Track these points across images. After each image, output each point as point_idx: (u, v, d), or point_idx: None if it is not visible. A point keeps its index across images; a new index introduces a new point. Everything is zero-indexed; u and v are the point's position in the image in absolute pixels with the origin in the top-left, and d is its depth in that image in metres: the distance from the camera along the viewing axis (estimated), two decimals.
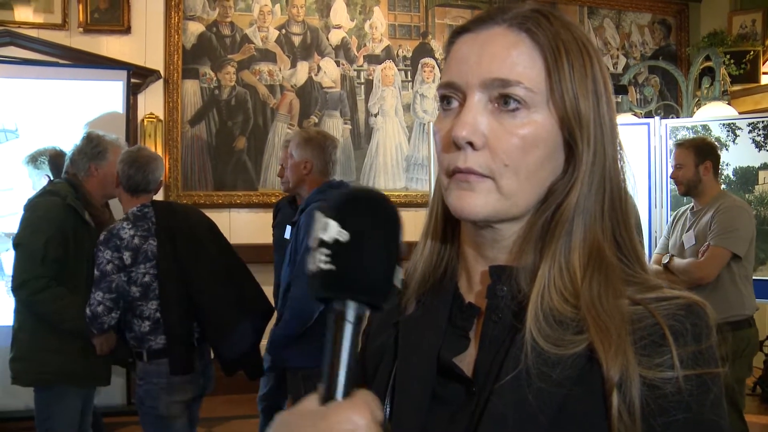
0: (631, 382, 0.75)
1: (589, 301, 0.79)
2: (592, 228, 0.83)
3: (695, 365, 0.77)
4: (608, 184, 0.85)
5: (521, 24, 0.83)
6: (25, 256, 3.12)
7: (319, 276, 0.67)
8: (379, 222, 0.69)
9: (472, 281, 0.91)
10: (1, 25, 5.25)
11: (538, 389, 0.77)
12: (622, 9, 6.89)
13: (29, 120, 4.69)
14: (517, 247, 0.86)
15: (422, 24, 6.34)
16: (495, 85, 0.81)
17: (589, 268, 0.82)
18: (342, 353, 0.66)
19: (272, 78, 5.98)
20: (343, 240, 0.66)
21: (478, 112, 0.82)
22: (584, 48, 0.85)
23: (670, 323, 0.78)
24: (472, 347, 0.87)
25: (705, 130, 4.76)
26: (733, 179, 4.73)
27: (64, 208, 3.20)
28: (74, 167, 3.35)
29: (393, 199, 3.56)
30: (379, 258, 0.68)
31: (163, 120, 5.71)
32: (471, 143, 0.81)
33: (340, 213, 0.68)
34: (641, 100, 6.52)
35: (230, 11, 5.90)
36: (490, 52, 0.82)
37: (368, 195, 0.71)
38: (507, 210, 0.83)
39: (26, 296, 3.10)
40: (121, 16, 5.55)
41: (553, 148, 0.83)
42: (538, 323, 0.79)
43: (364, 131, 6.19)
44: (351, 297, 0.67)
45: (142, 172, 3.10)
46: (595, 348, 0.77)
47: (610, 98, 0.86)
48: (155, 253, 3.01)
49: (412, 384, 0.86)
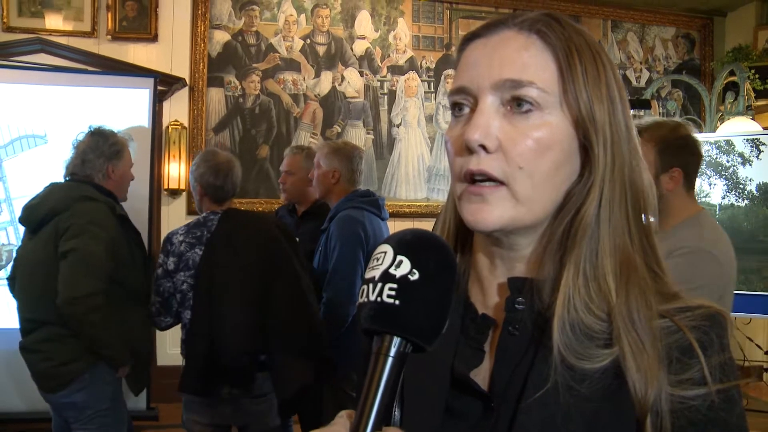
0: (662, 401, 0.75)
1: (627, 318, 0.77)
2: (621, 236, 0.81)
3: (723, 377, 0.77)
4: (630, 190, 0.83)
5: (532, 26, 0.82)
6: (80, 265, 2.78)
7: (377, 308, 0.68)
8: (444, 267, 0.70)
9: (487, 292, 0.88)
10: (32, 32, 5.34)
11: (566, 406, 0.75)
12: (646, 23, 6.87)
13: (58, 126, 4.75)
14: (535, 258, 0.84)
15: (446, 35, 6.36)
16: (507, 86, 0.79)
17: (622, 279, 0.79)
18: (379, 388, 0.65)
19: (296, 87, 6.03)
20: (413, 279, 0.68)
21: (491, 115, 0.80)
22: (597, 54, 0.83)
23: (697, 336, 0.77)
24: (486, 360, 0.85)
25: (728, 145, 4.73)
26: (756, 195, 4.70)
27: (112, 215, 2.95)
28: (90, 168, 3.03)
29: (414, 210, 3.59)
30: (439, 302, 0.69)
31: (188, 127, 5.77)
32: (484, 146, 0.79)
33: (412, 252, 0.69)
34: (664, 114, 6.48)
35: (256, 20, 5.96)
36: (501, 54, 0.81)
37: (436, 239, 0.73)
38: (522, 217, 0.80)
39: (81, 313, 2.75)
40: (149, 25, 5.63)
41: (568, 151, 0.81)
42: (565, 337, 0.77)
43: (387, 141, 6.22)
44: (402, 334, 0.67)
45: (229, 180, 3.04)
46: (626, 366, 0.75)
47: (625, 105, 0.84)
48: (196, 262, 2.89)
49: (423, 396, 0.83)
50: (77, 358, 2.85)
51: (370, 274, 0.70)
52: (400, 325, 0.67)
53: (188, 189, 5.74)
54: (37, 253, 2.92)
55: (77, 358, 2.85)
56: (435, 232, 0.90)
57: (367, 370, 0.67)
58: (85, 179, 3.02)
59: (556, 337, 0.77)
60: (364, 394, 0.65)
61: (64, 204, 2.89)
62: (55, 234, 2.86)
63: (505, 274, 0.86)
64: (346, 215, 3.27)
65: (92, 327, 2.78)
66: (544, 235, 0.84)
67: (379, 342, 0.68)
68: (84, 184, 3.00)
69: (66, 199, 2.91)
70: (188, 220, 5.69)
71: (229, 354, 2.82)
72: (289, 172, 3.78)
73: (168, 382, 3.06)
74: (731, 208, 4.68)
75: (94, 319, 2.77)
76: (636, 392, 0.75)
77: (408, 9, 6.27)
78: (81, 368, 2.85)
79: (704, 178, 4.73)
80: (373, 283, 0.69)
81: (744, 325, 5.26)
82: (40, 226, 2.92)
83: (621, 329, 0.76)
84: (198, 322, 2.86)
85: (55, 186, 3.05)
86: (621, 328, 0.76)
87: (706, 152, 4.50)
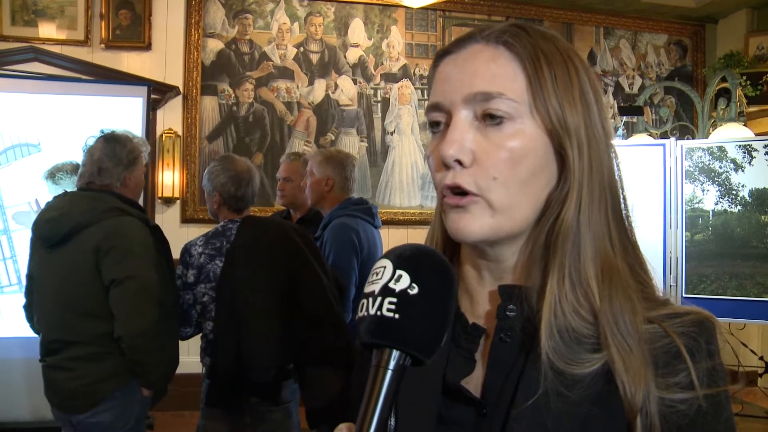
0: (651, 404, 0.76)
1: (612, 321, 0.78)
2: (602, 240, 0.82)
3: (711, 383, 0.78)
4: (609, 193, 0.83)
5: (498, 38, 0.82)
6: (143, 295, 2.65)
7: (376, 322, 0.68)
8: (444, 282, 0.71)
9: (475, 302, 0.88)
10: (25, 41, 5.35)
11: (558, 412, 0.76)
12: (638, 30, 6.91)
13: (51, 135, 4.75)
14: (521, 267, 0.85)
15: (439, 43, 6.38)
16: (478, 99, 0.80)
17: (605, 283, 0.80)
18: (379, 401, 0.66)
19: (290, 95, 6.04)
20: (412, 293, 0.68)
21: (464, 129, 0.80)
22: (568, 58, 0.83)
23: (685, 341, 0.78)
24: (478, 368, 0.85)
25: (721, 151, 4.75)
26: (749, 201, 4.71)
27: (147, 229, 2.81)
28: (107, 177, 2.83)
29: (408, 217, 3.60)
30: (438, 315, 0.70)
31: (182, 135, 5.77)
32: (459, 161, 0.79)
33: (412, 266, 0.70)
34: (656, 121, 6.52)
35: (249, 29, 5.97)
36: (471, 68, 0.81)
37: (435, 253, 0.73)
38: (502, 226, 0.81)
39: (146, 343, 2.64)
40: (142, 33, 5.64)
41: (543, 158, 0.81)
42: (554, 342, 0.77)
43: (380, 149, 6.23)
44: (401, 347, 0.68)
45: (250, 189, 2.97)
46: (615, 369, 0.76)
47: (602, 107, 0.84)
48: (217, 275, 2.80)
49: (416, 406, 0.83)
50: (111, 377, 2.72)
51: (369, 289, 0.70)
52: (399, 338, 0.67)
53: (183, 197, 5.74)
54: (64, 271, 2.73)
55: (111, 376, 2.72)
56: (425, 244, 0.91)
57: (366, 383, 0.67)
58: (103, 188, 2.84)
59: (544, 342, 0.77)
60: (363, 407, 0.66)
61: (91, 217, 2.71)
62: (92, 254, 2.68)
63: (493, 284, 0.87)
64: (340, 222, 3.28)
65: (151, 354, 2.69)
66: (527, 243, 0.84)
67: (378, 355, 0.68)
68: (107, 195, 2.81)
69: (92, 210, 2.72)
70: (183, 228, 5.70)
71: (258, 368, 2.76)
72: (288, 179, 3.80)
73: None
74: (724, 214, 4.68)
75: (152, 347, 2.68)
76: (626, 393, 0.76)
77: (401, 17, 6.30)
78: (114, 386, 2.73)
79: (697, 184, 4.75)
80: (373, 297, 0.69)
81: (738, 331, 5.26)
82: (62, 240, 2.73)
83: (607, 332, 0.77)
84: (223, 336, 2.78)
85: (74, 196, 2.85)
86: (607, 331, 0.77)
87: (698, 158, 4.52)
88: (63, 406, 2.78)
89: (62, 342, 2.75)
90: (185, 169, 5.76)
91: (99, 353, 2.70)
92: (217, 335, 2.81)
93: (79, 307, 2.70)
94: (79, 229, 2.70)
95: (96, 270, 2.67)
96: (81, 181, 2.91)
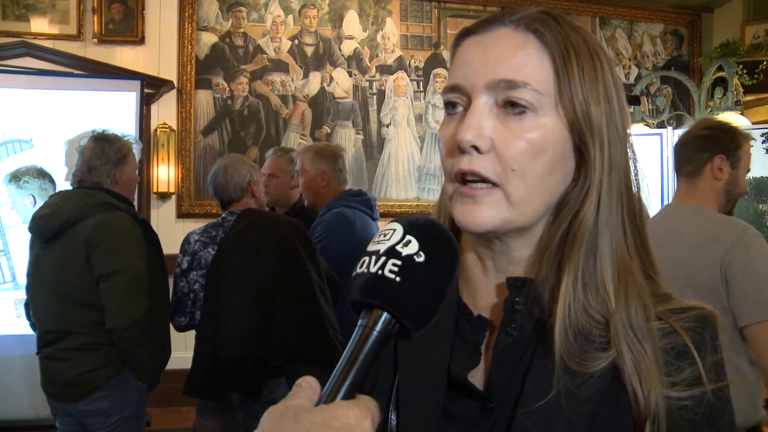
0: (659, 402, 0.75)
1: (627, 324, 0.77)
2: (618, 242, 0.80)
3: (716, 378, 0.77)
4: (625, 193, 0.82)
5: (528, 25, 0.79)
6: (133, 287, 2.74)
7: (375, 279, 0.66)
8: (450, 261, 0.70)
9: (478, 294, 0.86)
10: (17, 36, 5.31)
11: (567, 410, 0.75)
12: (634, 20, 6.89)
13: (44, 130, 4.72)
14: (530, 260, 0.83)
15: (434, 34, 6.36)
16: (501, 86, 0.77)
17: (621, 285, 0.78)
18: (358, 359, 0.64)
19: (285, 88, 6.01)
20: (418, 260, 0.67)
21: (484, 115, 0.78)
22: (595, 53, 0.81)
23: (692, 337, 0.78)
24: (482, 362, 0.83)
25: None
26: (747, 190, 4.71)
27: (136, 223, 2.90)
28: (97, 175, 2.93)
29: (405, 209, 3.55)
30: (437, 291, 0.68)
31: (176, 130, 5.74)
32: (476, 147, 0.77)
33: (423, 235, 0.68)
34: (653, 111, 6.50)
35: (243, 22, 5.94)
36: (496, 53, 0.79)
37: (447, 232, 0.71)
38: (514, 219, 0.79)
39: (137, 335, 2.73)
40: (135, 27, 5.60)
41: (563, 153, 0.79)
42: (567, 343, 0.76)
43: (377, 141, 6.21)
44: (394, 311, 0.66)
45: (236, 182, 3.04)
46: (626, 370, 0.75)
47: (623, 105, 0.82)
48: (208, 262, 2.87)
49: (419, 398, 0.82)
50: (105, 365, 2.81)
51: (374, 248, 0.68)
52: (394, 302, 0.66)
53: (178, 192, 5.72)
54: (57, 263, 2.83)
55: (106, 365, 2.81)
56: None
57: (350, 344, 0.65)
58: (94, 186, 2.93)
59: (558, 344, 0.76)
60: (340, 363, 0.64)
61: (81, 212, 2.80)
62: (83, 246, 2.76)
63: (498, 276, 0.85)
64: (339, 212, 3.23)
65: (142, 346, 2.77)
66: (540, 239, 0.82)
67: (366, 315, 0.66)
68: (97, 191, 2.91)
69: (83, 206, 2.82)
70: (178, 223, 5.67)
71: (227, 356, 2.75)
72: (273, 175, 3.71)
73: (160, 386, 3.03)
74: None
75: (144, 339, 2.75)
76: (637, 395, 0.75)
77: (396, 8, 6.26)
78: (109, 374, 2.81)
79: None
80: (377, 256, 0.67)
81: None
82: (55, 235, 2.83)
83: (621, 334, 0.76)
84: (204, 324, 2.83)
85: (67, 194, 2.96)
86: (621, 333, 0.76)
87: None
88: (60, 396, 2.88)
89: (57, 332, 2.84)
90: (180, 163, 5.72)
91: (93, 343, 2.80)
92: (200, 322, 2.86)
93: (73, 298, 2.80)
94: (71, 224, 2.80)
95: (87, 262, 2.77)
96: (72, 180, 3.03)
